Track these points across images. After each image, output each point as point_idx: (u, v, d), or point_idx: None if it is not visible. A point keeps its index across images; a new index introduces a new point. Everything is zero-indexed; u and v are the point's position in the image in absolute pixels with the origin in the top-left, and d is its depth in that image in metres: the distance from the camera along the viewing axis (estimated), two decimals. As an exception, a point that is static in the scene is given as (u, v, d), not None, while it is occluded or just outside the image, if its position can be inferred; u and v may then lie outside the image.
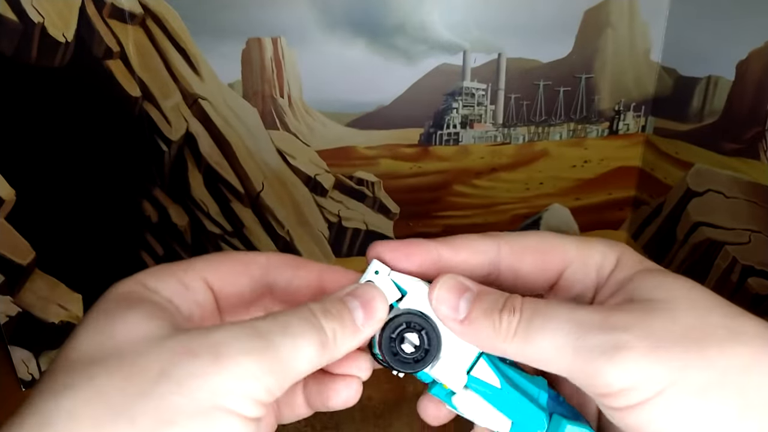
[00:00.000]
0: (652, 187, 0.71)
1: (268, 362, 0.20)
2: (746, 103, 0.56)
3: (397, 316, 0.23)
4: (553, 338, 0.20)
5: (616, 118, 0.70)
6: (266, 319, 0.21)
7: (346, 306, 0.22)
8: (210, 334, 0.20)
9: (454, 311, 0.23)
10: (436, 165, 0.69)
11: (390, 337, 0.23)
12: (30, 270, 0.57)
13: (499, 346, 0.22)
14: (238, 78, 0.61)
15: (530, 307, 0.22)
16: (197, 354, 0.19)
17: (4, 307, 0.58)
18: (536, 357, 0.21)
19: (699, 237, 0.64)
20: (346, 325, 0.22)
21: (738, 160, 0.58)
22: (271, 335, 0.20)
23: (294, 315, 0.21)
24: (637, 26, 0.66)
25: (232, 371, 0.19)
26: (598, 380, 0.20)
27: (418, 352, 0.23)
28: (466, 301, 0.22)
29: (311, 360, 0.21)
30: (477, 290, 0.23)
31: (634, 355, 0.19)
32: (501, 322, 0.21)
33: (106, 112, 0.58)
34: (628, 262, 0.23)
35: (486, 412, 0.23)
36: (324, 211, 0.69)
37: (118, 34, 0.56)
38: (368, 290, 0.23)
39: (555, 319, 0.21)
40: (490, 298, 0.22)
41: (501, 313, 0.22)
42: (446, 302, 0.23)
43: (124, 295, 0.22)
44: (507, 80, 0.66)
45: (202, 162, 0.63)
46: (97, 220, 0.60)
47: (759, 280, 0.57)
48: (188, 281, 0.23)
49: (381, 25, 0.61)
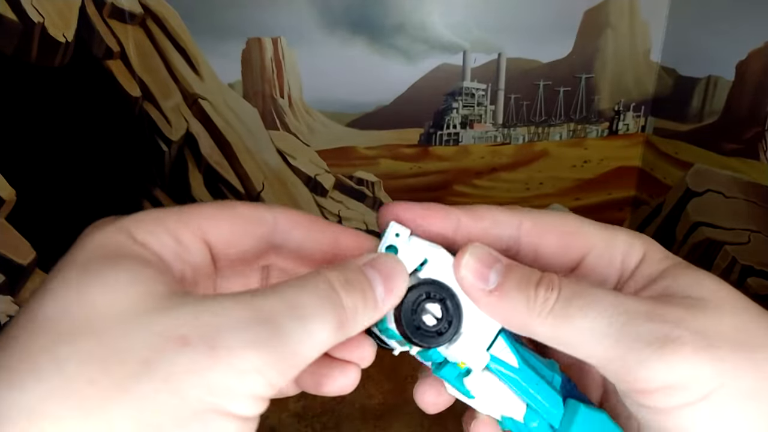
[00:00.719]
0: (652, 187, 0.71)
1: (274, 353, 0.17)
2: (746, 103, 0.56)
3: (418, 286, 0.21)
4: (594, 321, 0.19)
5: (615, 118, 0.70)
6: (272, 295, 0.18)
7: (366, 278, 0.19)
8: (204, 314, 0.17)
9: (483, 281, 0.20)
10: (436, 165, 0.69)
11: (411, 308, 0.21)
12: (30, 270, 0.57)
13: (530, 323, 0.20)
14: (238, 78, 0.61)
15: (570, 286, 0.20)
16: (189, 342, 0.16)
17: (4, 306, 0.58)
18: (569, 340, 0.19)
19: (698, 237, 0.64)
20: (368, 300, 0.19)
21: (737, 160, 0.58)
22: (278, 319, 0.17)
23: (306, 290, 0.18)
24: (636, 26, 0.66)
25: (231, 365, 0.16)
26: (638, 374, 0.18)
27: (440, 324, 0.21)
28: (497, 272, 0.20)
29: (323, 344, 0.18)
30: (507, 263, 0.21)
31: (686, 351, 0.18)
32: (537, 297, 0.20)
33: (107, 112, 0.58)
34: (655, 255, 0.22)
35: (501, 394, 0.22)
36: (324, 211, 0.69)
37: (118, 34, 0.56)
38: (390, 262, 0.20)
39: (599, 301, 0.19)
40: (523, 270, 0.21)
41: (537, 287, 0.20)
42: (475, 271, 0.20)
43: (106, 247, 0.18)
44: (507, 80, 0.66)
45: (203, 162, 0.63)
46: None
47: (758, 279, 0.57)
48: (183, 237, 0.20)
49: (381, 25, 0.61)
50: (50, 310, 0.16)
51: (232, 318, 0.17)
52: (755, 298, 0.21)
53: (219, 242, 0.21)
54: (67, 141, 0.56)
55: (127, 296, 0.17)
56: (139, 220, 0.19)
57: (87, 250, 0.18)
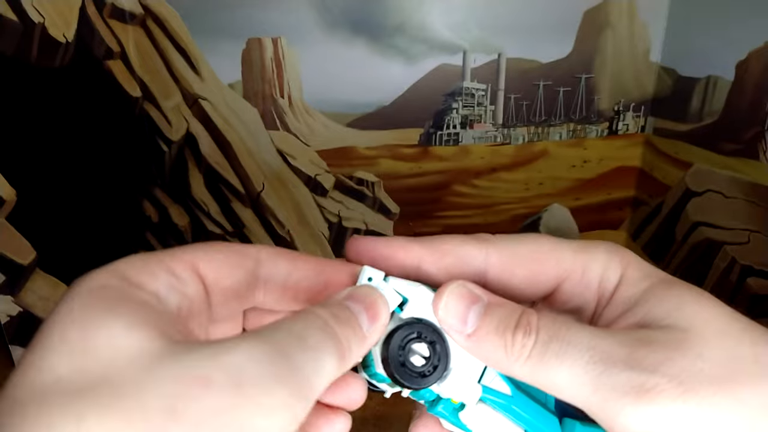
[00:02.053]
0: (652, 187, 0.71)
1: (296, 386, 0.16)
2: (745, 103, 0.56)
3: (402, 326, 0.21)
4: (572, 368, 0.18)
5: (615, 118, 0.70)
6: (279, 328, 0.17)
7: (351, 311, 0.20)
8: (220, 353, 0.16)
9: (462, 323, 0.20)
10: (436, 165, 0.69)
11: (398, 350, 0.21)
12: (31, 270, 0.57)
13: (508, 367, 0.20)
14: (239, 78, 0.61)
15: (548, 328, 0.19)
16: (212, 381, 0.15)
17: (5, 306, 0.58)
18: (549, 384, 0.19)
19: (698, 237, 0.64)
20: (357, 332, 0.19)
21: (737, 160, 0.58)
22: (291, 352, 0.17)
23: (306, 324, 0.18)
24: (636, 26, 0.66)
25: (259, 403, 0.15)
26: (617, 422, 0.18)
27: (428, 364, 0.21)
28: (476, 313, 0.20)
29: (330, 376, 0.18)
30: (488, 300, 0.21)
31: (663, 400, 0.18)
32: (514, 343, 0.19)
33: (107, 113, 0.58)
34: (635, 274, 0.21)
35: (498, 424, 0.21)
36: (324, 211, 0.69)
37: (118, 35, 0.56)
38: (368, 292, 0.21)
39: (575, 346, 0.19)
40: (502, 311, 0.20)
41: (515, 332, 0.19)
42: (454, 313, 0.20)
43: (100, 292, 0.17)
44: (507, 80, 0.66)
45: (203, 162, 0.63)
46: (98, 220, 0.60)
47: (758, 280, 0.57)
48: (178, 270, 0.20)
49: (381, 25, 0.61)
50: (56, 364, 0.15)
51: (249, 354, 0.16)
52: (755, 299, 0.21)
53: (213, 274, 0.21)
54: (67, 141, 0.56)
55: (136, 343, 0.16)
56: (132, 263, 0.19)
57: (82, 298, 0.17)
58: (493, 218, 0.73)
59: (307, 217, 0.69)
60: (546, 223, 0.74)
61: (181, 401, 0.15)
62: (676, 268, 0.68)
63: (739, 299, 0.59)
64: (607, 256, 0.22)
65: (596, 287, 0.22)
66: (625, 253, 0.22)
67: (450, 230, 0.73)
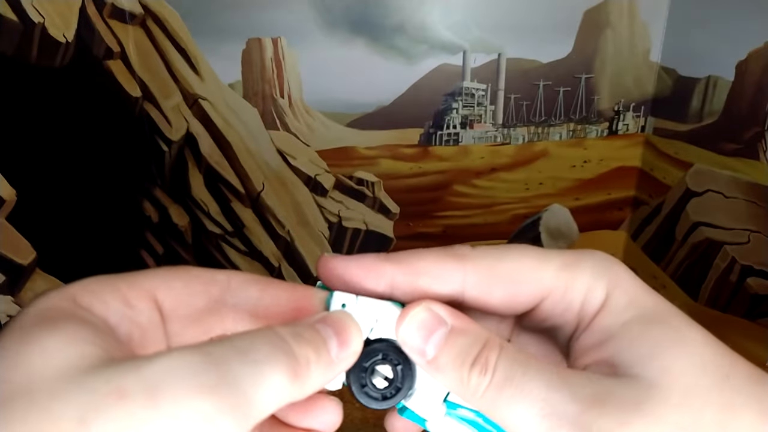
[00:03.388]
0: (652, 187, 0.71)
1: (225, 398, 0.16)
2: (745, 103, 0.56)
3: (367, 347, 0.21)
4: (523, 416, 0.18)
5: (615, 118, 0.70)
6: (220, 342, 0.17)
7: (319, 334, 0.19)
8: (144, 364, 0.16)
9: (422, 350, 0.20)
10: (436, 165, 0.69)
11: (360, 371, 0.21)
12: (31, 270, 0.57)
13: (465, 397, 0.20)
14: (239, 78, 0.61)
15: (505, 370, 0.19)
16: (127, 394, 0.15)
17: (4, 306, 0.58)
18: (502, 423, 0.19)
19: (698, 237, 0.64)
20: (321, 354, 0.19)
21: (737, 160, 0.58)
22: (226, 362, 0.16)
23: (254, 338, 0.17)
24: (636, 26, 0.66)
25: (174, 414, 0.15)
26: None
27: (390, 387, 0.21)
28: (437, 339, 0.20)
29: (280, 393, 0.17)
30: (452, 325, 0.20)
31: None
32: (470, 379, 0.19)
33: (107, 112, 0.58)
34: (619, 300, 0.20)
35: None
36: (324, 211, 0.69)
37: (118, 35, 0.56)
38: (342, 318, 0.20)
39: (528, 395, 0.18)
40: (463, 342, 0.20)
41: (471, 369, 0.19)
42: (414, 338, 0.20)
43: (46, 312, 0.17)
44: (507, 80, 0.66)
45: (203, 162, 0.63)
46: (98, 220, 0.60)
47: (758, 279, 0.57)
48: (132, 298, 0.19)
49: (381, 25, 0.61)
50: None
51: (176, 366, 0.16)
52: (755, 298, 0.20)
53: (169, 302, 0.20)
54: (67, 141, 0.56)
55: (65, 357, 0.16)
56: (85, 285, 0.19)
57: (29, 316, 0.17)
58: (493, 218, 0.73)
59: (307, 217, 0.69)
60: (546, 223, 0.74)
61: (92, 412, 0.15)
62: (676, 268, 0.68)
63: (739, 299, 0.59)
64: (592, 275, 0.21)
65: (578, 308, 0.21)
66: (613, 272, 0.21)
67: (450, 230, 0.73)
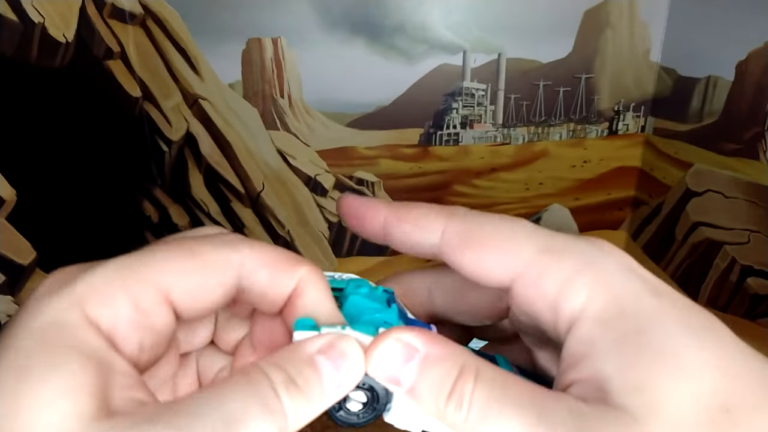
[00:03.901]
0: (652, 187, 0.71)
1: None
2: (745, 103, 0.56)
3: None
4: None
5: (615, 118, 0.70)
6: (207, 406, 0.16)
7: (317, 371, 0.18)
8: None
9: (396, 382, 0.19)
10: (436, 165, 0.69)
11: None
12: (31, 270, 0.57)
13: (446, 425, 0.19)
14: (239, 78, 0.61)
15: (480, 406, 0.18)
16: None
17: (4, 307, 0.58)
18: None
19: (698, 237, 0.64)
20: (313, 399, 0.18)
21: (737, 160, 0.58)
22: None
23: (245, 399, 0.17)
24: (636, 26, 0.66)
25: None
26: None
27: (365, 409, 0.20)
28: (411, 370, 0.19)
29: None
30: (425, 354, 0.19)
31: None
32: (446, 413, 0.18)
33: (107, 113, 0.58)
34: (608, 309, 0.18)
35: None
36: (324, 211, 0.69)
37: (118, 35, 0.56)
38: (348, 350, 0.19)
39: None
40: (437, 372, 0.19)
41: (447, 402, 0.18)
42: (386, 372, 0.19)
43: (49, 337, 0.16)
44: (507, 80, 0.66)
45: (203, 162, 0.63)
46: (98, 220, 0.60)
47: (758, 280, 0.57)
48: (143, 301, 0.18)
49: (381, 25, 0.61)
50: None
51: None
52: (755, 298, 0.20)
53: (186, 298, 0.19)
54: (67, 141, 0.56)
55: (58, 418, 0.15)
56: (95, 287, 0.18)
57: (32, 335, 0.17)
58: (493, 218, 0.73)
59: (307, 217, 0.69)
60: (546, 223, 0.74)
61: None
62: (676, 268, 0.68)
63: (739, 299, 0.59)
64: (574, 267, 0.19)
65: (552, 300, 0.19)
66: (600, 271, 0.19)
67: (450, 230, 0.73)
